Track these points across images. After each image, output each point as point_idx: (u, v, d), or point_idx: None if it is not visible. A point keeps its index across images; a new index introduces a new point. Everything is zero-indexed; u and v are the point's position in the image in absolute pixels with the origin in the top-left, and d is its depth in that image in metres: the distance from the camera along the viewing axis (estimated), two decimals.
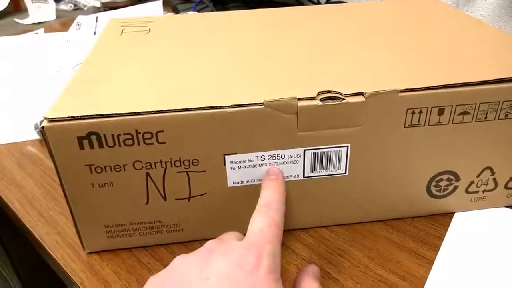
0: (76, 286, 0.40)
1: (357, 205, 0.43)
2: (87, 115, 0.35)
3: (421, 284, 0.38)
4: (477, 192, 0.44)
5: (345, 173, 0.41)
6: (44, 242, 0.44)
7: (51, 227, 0.46)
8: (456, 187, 0.44)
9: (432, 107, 0.38)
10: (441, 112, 0.38)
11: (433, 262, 0.40)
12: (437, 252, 0.41)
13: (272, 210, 0.34)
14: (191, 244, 0.43)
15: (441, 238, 0.43)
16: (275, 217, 0.33)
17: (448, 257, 0.40)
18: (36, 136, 0.63)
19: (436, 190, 0.43)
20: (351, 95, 0.37)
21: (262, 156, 0.39)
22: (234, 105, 0.36)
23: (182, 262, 0.31)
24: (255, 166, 0.39)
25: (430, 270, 0.39)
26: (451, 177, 0.43)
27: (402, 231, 0.44)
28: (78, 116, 0.35)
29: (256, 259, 0.29)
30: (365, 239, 0.43)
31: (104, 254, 0.42)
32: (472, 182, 0.43)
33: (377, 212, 0.44)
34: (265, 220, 0.33)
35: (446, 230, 0.44)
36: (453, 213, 0.46)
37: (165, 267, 0.31)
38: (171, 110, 0.35)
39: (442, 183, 0.43)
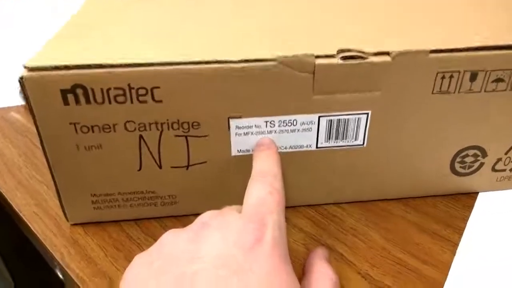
0: (56, 262, 0.36)
1: (373, 181, 0.39)
2: (73, 65, 0.30)
3: (445, 269, 0.34)
4: (504, 170, 0.40)
5: (363, 144, 0.36)
6: (23, 214, 0.40)
7: (31, 197, 0.42)
8: (482, 164, 0.39)
9: (464, 71, 0.34)
10: (473, 77, 0.34)
11: (457, 245, 0.36)
12: (461, 235, 0.37)
13: (269, 176, 0.29)
14: (187, 218, 0.39)
15: (465, 220, 0.39)
16: (274, 183, 0.29)
17: (474, 240, 0.36)
18: (21, 101, 0.58)
19: (461, 167, 0.39)
20: (376, 54, 0.32)
21: (272, 122, 0.34)
22: (242, 60, 0.31)
23: (172, 238, 0.27)
24: (263, 133, 0.35)
25: (454, 255, 0.35)
26: (478, 152, 0.38)
27: (421, 212, 0.39)
28: (62, 66, 0.30)
29: (258, 233, 0.25)
30: (380, 218, 0.39)
31: (89, 227, 0.38)
32: (499, 160, 0.39)
33: (395, 189, 0.40)
34: (264, 187, 0.28)
35: (470, 211, 0.39)
36: (476, 193, 0.41)
37: None
38: (169, 63, 0.31)
39: (468, 159, 0.39)
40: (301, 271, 0.32)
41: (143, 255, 0.26)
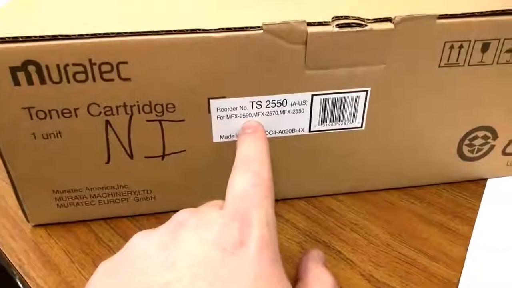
0: (14, 270, 0.31)
1: (374, 169, 0.35)
2: (23, 37, 0.25)
3: (458, 266, 0.30)
4: None
5: (361, 127, 0.32)
6: None
7: None
8: (492, 147, 0.36)
9: (475, 41, 0.30)
10: (485, 47, 0.30)
11: (468, 238, 0.32)
12: (472, 226, 0.33)
13: (254, 164, 0.25)
14: (166, 216, 0.34)
15: (474, 210, 0.35)
16: (261, 172, 0.24)
17: (487, 233, 0.33)
18: None
19: (469, 151, 0.35)
20: (376, 20, 0.28)
21: (258, 102, 0.30)
22: (223, 28, 0.27)
23: (141, 242, 0.22)
24: (248, 115, 0.30)
25: (466, 249, 0.31)
26: (488, 134, 0.35)
27: (426, 202, 0.36)
28: (10, 38, 0.25)
29: (241, 233, 0.21)
30: (382, 211, 0.35)
31: (53, 229, 0.33)
32: (510, 142, 0.35)
33: (397, 177, 0.36)
34: (247, 177, 0.24)
35: (479, 200, 0.36)
36: (485, 180, 0.37)
37: None
38: (137, 32, 0.26)
39: (477, 142, 0.35)
40: (295, 274, 0.27)
41: (108, 263, 0.22)
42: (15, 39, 0.25)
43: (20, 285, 0.32)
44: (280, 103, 0.30)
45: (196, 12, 0.30)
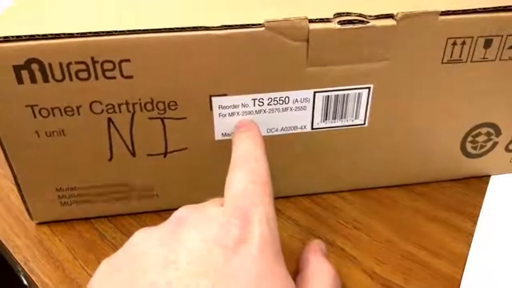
0: (19, 267, 0.31)
1: (376, 166, 0.35)
2: (26, 36, 0.25)
3: (460, 262, 0.30)
4: None
5: (364, 124, 0.32)
6: None
7: None
8: (495, 144, 0.35)
9: (478, 37, 0.30)
10: (488, 44, 0.30)
11: (471, 235, 0.32)
12: (475, 223, 0.33)
13: (251, 161, 0.25)
14: (168, 213, 0.34)
15: (477, 206, 0.35)
16: (258, 169, 0.24)
17: (490, 229, 0.32)
18: None
19: (472, 147, 0.35)
20: (378, 17, 0.28)
21: (260, 100, 0.30)
22: (224, 25, 0.27)
23: (142, 239, 0.22)
24: (250, 112, 0.30)
25: (469, 246, 0.31)
26: (491, 131, 0.34)
27: (429, 199, 0.35)
28: (13, 37, 0.25)
29: (242, 231, 0.21)
30: (385, 208, 0.35)
31: (56, 226, 0.34)
32: None
33: (400, 174, 0.36)
34: (245, 175, 0.24)
35: (482, 197, 0.36)
36: (488, 177, 0.37)
37: None
38: (139, 30, 0.26)
39: (480, 139, 0.35)
40: (296, 267, 0.27)
41: (109, 261, 0.22)
42: (18, 38, 0.25)
43: (25, 282, 0.32)
44: (283, 100, 0.30)
45: (198, 9, 0.30)
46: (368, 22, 0.28)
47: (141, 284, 0.19)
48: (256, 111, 0.30)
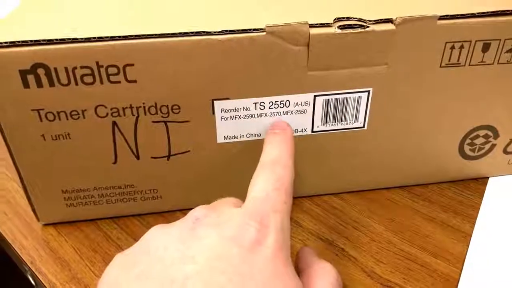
0: (26, 267, 0.32)
1: (375, 168, 0.35)
2: (32, 41, 0.26)
3: (459, 262, 0.31)
4: None
5: (364, 127, 0.33)
6: None
7: None
8: (493, 146, 0.36)
9: (476, 41, 0.30)
10: (486, 47, 0.31)
11: (470, 236, 0.33)
12: (473, 224, 0.34)
13: (279, 167, 0.25)
14: (171, 214, 0.35)
15: (475, 208, 0.35)
16: (284, 177, 0.25)
17: (488, 230, 0.33)
18: None
19: (470, 150, 0.36)
20: (377, 22, 0.29)
21: (262, 103, 0.30)
22: (226, 30, 0.27)
23: (158, 235, 0.23)
24: (252, 116, 0.31)
25: (468, 246, 0.32)
26: (489, 133, 0.35)
27: (428, 200, 0.36)
28: (19, 42, 0.26)
29: (259, 234, 0.21)
30: (384, 209, 0.35)
31: (62, 227, 0.34)
32: (511, 141, 0.36)
33: (399, 176, 0.36)
34: (271, 180, 0.24)
35: (480, 198, 0.36)
36: (486, 178, 0.38)
37: None
38: (143, 35, 0.27)
39: (478, 141, 0.35)
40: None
41: (124, 254, 0.23)
42: (24, 43, 0.26)
43: (32, 281, 0.33)
44: (283, 104, 0.31)
45: (200, 14, 0.30)
46: (367, 26, 0.28)
47: (159, 277, 0.20)
48: (257, 114, 0.31)
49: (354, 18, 0.29)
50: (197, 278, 0.19)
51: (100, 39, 0.26)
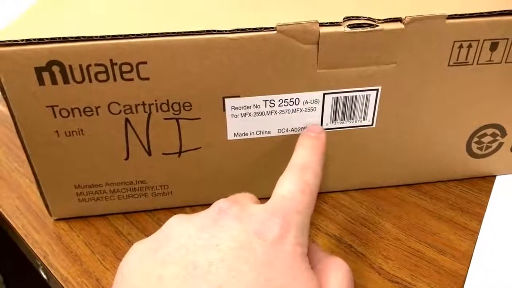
0: (39, 261, 0.32)
1: (384, 165, 0.36)
2: (47, 38, 0.27)
3: (466, 259, 0.31)
4: None
5: (372, 124, 0.33)
6: (2, 208, 0.36)
7: (11, 191, 0.38)
8: (500, 145, 0.36)
9: (484, 40, 0.30)
10: (494, 47, 0.31)
11: (477, 233, 0.33)
12: (480, 221, 0.34)
13: (308, 173, 0.26)
14: (181, 210, 0.35)
15: (483, 206, 0.35)
16: (311, 182, 0.25)
17: (495, 228, 0.33)
18: None
19: (478, 148, 0.36)
20: (386, 21, 0.29)
21: (272, 101, 0.31)
22: (237, 29, 0.28)
23: (182, 222, 0.23)
24: (262, 113, 0.31)
25: (475, 243, 0.32)
26: (497, 131, 0.35)
27: (435, 198, 0.36)
28: (35, 40, 0.26)
29: (281, 231, 0.22)
30: (392, 206, 0.36)
31: (74, 222, 0.35)
32: None
33: (407, 174, 0.37)
34: (298, 183, 0.25)
35: (487, 196, 0.36)
36: (493, 177, 0.38)
37: None
38: (156, 34, 0.27)
39: (485, 139, 0.35)
40: None
41: (145, 241, 0.23)
42: (40, 41, 0.27)
43: (44, 275, 0.33)
44: (293, 101, 0.31)
45: (212, 13, 0.31)
46: (377, 25, 0.29)
47: (183, 261, 0.20)
48: (267, 112, 0.31)
49: (363, 17, 0.29)
50: (221, 265, 0.20)
51: (114, 37, 0.27)
